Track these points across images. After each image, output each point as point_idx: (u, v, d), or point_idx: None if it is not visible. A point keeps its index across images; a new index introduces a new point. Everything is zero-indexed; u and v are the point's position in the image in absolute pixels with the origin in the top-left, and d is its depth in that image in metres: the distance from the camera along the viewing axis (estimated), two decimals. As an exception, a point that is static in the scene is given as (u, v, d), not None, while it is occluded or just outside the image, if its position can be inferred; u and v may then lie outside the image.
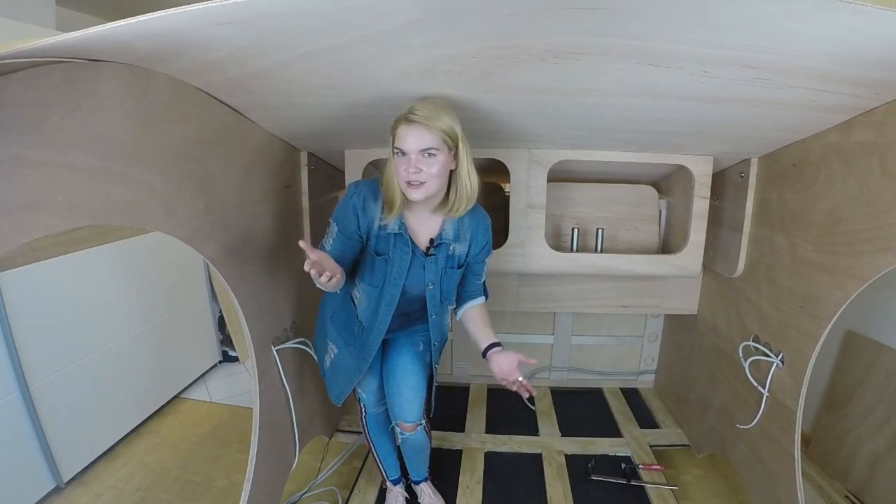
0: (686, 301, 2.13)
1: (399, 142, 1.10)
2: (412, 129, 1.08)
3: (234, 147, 1.32)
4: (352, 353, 1.42)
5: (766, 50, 0.88)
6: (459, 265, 1.33)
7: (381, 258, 1.26)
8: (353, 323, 1.40)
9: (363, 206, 1.21)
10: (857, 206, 1.18)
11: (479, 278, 1.43)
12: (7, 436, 1.64)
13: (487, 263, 1.42)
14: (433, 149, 1.10)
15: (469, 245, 1.31)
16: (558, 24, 0.83)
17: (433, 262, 1.28)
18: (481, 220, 1.33)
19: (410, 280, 1.29)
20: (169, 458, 2.07)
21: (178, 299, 2.53)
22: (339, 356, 1.46)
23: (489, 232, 1.36)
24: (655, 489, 1.83)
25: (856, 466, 1.84)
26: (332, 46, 0.91)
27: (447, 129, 1.10)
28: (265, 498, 1.54)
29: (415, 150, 1.09)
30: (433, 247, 1.27)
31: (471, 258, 1.34)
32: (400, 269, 1.26)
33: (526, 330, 2.59)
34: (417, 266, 1.28)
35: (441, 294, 1.33)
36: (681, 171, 1.85)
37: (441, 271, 1.30)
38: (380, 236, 1.24)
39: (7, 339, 1.63)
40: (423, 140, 1.09)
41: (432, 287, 1.31)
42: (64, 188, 0.81)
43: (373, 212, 1.22)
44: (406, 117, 1.09)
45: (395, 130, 1.11)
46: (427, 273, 1.29)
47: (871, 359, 1.84)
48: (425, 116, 1.08)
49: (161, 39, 0.83)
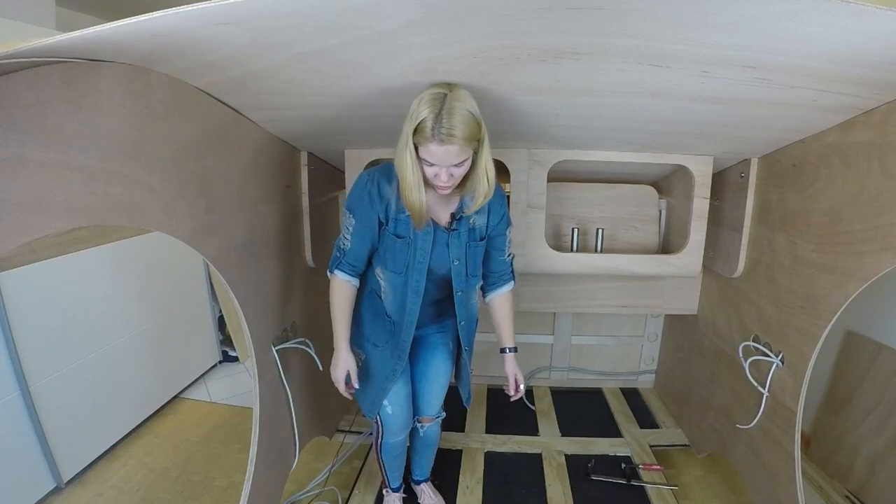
0: (686, 301, 2.13)
1: (428, 156, 1.05)
2: (444, 148, 1.02)
3: (234, 147, 1.32)
4: (384, 354, 1.37)
5: (766, 50, 0.88)
6: (482, 237, 1.31)
7: (402, 241, 1.23)
8: (381, 321, 1.36)
9: (379, 192, 1.19)
10: (857, 206, 1.18)
11: (503, 254, 1.39)
12: (7, 436, 1.64)
13: (510, 237, 1.39)
14: (463, 161, 1.07)
15: (487, 216, 1.29)
16: (558, 24, 0.83)
17: (456, 238, 1.26)
18: (496, 191, 1.27)
19: (435, 260, 1.26)
20: (169, 458, 2.07)
21: (178, 299, 2.53)
22: (368, 361, 1.41)
23: (505, 201, 1.34)
24: (655, 489, 1.83)
25: (856, 466, 1.84)
26: (331, 46, 0.91)
27: (476, 134, 1.05)
28: (265, 498, 1.54)
29: (446, 164, 1.06)
30: (455, 220, 1.25)
31: (491, 230, 1.32)
32: (423, 250, 1.23)
33: (526, 330, 2.59)
34: (441, 244, 1.26)
35: (467, 270, 1.30)
36: (681, 171, 1.85)
37: (465, 246, 1.28)
38: (398, 219, 1.21)
39: (7, 339, 1.63)
40: (456, 156, 1.04)
41: (458, 263, 1.28)
42: (64, 188, 0.81)
43: (389, 194, 1.19)
44: (436, 135, 1.00)
45: (423, 143, 1.03)
46: (451, 249, 1.26)
47: (871, 359, 1.84)
48: (458, 132, 1.00)
49: (161, 39, 0.83)
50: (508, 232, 1.37)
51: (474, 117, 1.03)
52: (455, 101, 1.01)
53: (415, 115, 1.02)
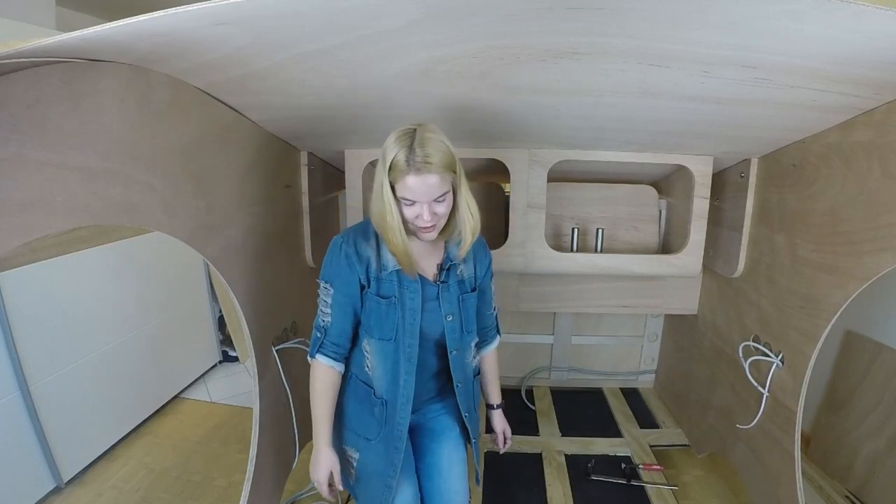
0: (686, 301, 2.13)
1: (406, 192, 0.98)
2: (422, 179, 0.96)
3: (234, 147, 1.32)
4: (377, 449, 1.16)
5: (766, 50, 0.88)
6: (473, 288, 1.20)
7: (387, 302, 1.09)
8: (369, 409, 1.17)
9: (357, 251, 1.08)
10: (857, 206, 1.18)
11: (491, 308, 1.30)
12: (7, 436, 1.64)
13: (494, 289, 1.30)
14: (444, 194, 1.00)
15: (474, 265, 1.20)
16: (558, 24, 0.83)
17: (446, 291, 1.14)
18: (479, 239, 1.20)
19: (426, 319, 1.12)
20: (169, 458, 2.07)
21: (178, 299, 2.53)
22: (363, 460, 1.18)
23: (487, 248, 1.26)
24: (655, 489, 1.83)
25: (856, 466, 1.84)
26: (331, 46, 0.91)
27: (452, 164, 0.99)
28: (265, 498, 1.54)
29: (426, 200, 0.99)
30: (443, 271, 1.14)
31: (479, 280, 1.22)
32: (412, 309, 1.10)
33: (526, 330, 2.59)
34: (430, 299, 1.13)
35: (462, 325, 1.17)
36: (681, 171, 1.85)
37: (457, 300, 1.16)
38: (380, 278, 1.09)
39: (7, 339, 1.63)
40: (436, 188, 0.98)
41: (451, 319, 1.14)
42: (64, 188, 0.81)
43: (367, 253, 1.09)
44: (412, 165, 0.95)
45: (399, 179, 0.97)
46: (443, 304, 1.13)
47: (871, 359, 1.84)
48: (435, 160, 0.95)
49: (161, 39, 0.83)
50: (493, 283, 1.29)
51: (448, 147, 0.99)
52: (426, 132, 0.97)
53: (387, 154, 0.97)
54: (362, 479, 1.19)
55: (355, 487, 1.22)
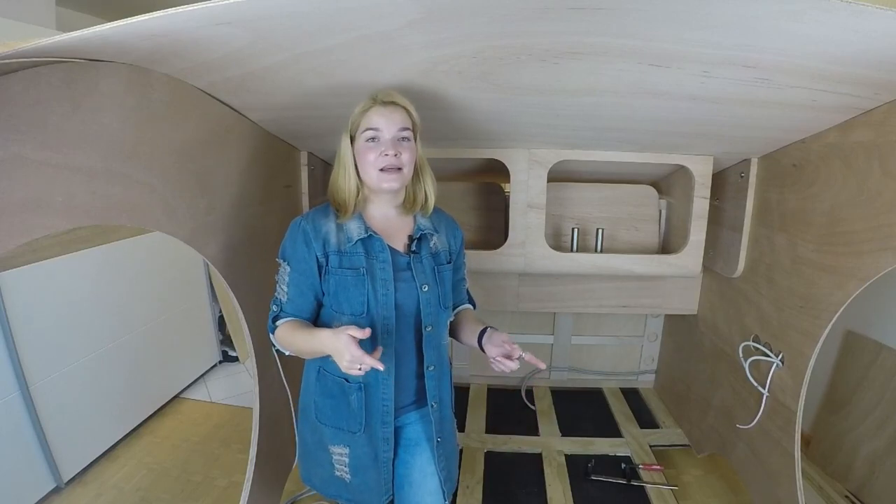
0: (686, 301, 2.13)
1: (371, 125, 1.01)
2: (388, 111, 1.01)
3: (234, 147, 1.32)
4: (363, 440, 1.09)
5: (766, 50, 0.88)
6: (448, 260, 1.16)
7: (354, 273, 1.04)
8: (345, 398, 1.08)
9: (314, 227, 1.05)
10: (857, 206, 1.18)
11: (464, 282, 1.27)
12: (7, 436, 1.64)
13: (467, 264, 1.27)
14: (408, 130, 1.02)
15: (447, 238, 1.17)
16: (558, 24, 0.83)
17: (419, 262, 1.09)
18: (441, 212, 1.20)
19: (401, 290, 1.06)
20: (169, 458, 2.07)
21: (178, 299, 2.53)
22: (355, 454, 1.10)
23: (454, 221, 1.23)
24: (655, 489, 1.83)
25: (856, 466, 1.84)
26: (331, 46, 0.91)
27: (414, 113, 1.05)
28: (265, 498, 1.54)
29: (391, 132, 1.01)
30: (414, 241, 1.10)
31: (454, 254, 1.18)
32: (384, 280, 1.04)
33: (526, 330, 2.59)
34: (402, 269, 1.08)
35: (440, 299, 1.11)
36: (681, 171, 1.85)
37: (433, 270, 1.11)
38: (343, 252, 1.04)
39: (7, 339, 1.63)
40: (399, 122, 1.01)
41: (427, 289, 1.08)
42: (64, 188, 0.81)
43: (326, 226, 1.06)
44: (378, 100, 1.02)
45: (364, 116, 1.02)
46: (417, 275, 1.08)
47: (871, 359, 1.84)
48: (398, 98, 1.02)
49: (161, 39, 0.83)
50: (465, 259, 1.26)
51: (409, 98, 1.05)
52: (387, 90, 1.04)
53: (352, 115, 1.04)
54: (359, 475, 1.11)
55: (352, 482, 1.12)
